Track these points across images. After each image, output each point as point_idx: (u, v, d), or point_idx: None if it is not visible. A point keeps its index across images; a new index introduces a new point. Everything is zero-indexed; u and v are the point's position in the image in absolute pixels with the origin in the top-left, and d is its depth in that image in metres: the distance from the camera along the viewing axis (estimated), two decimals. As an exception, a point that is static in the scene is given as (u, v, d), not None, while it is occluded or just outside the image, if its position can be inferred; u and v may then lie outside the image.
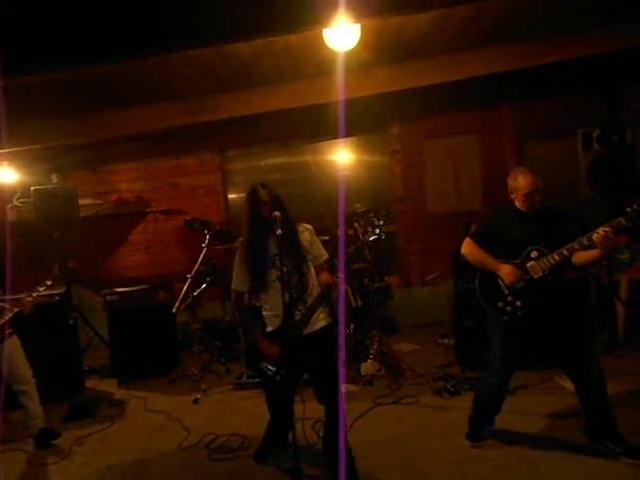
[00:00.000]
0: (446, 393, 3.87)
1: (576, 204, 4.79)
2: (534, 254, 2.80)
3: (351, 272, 4.77)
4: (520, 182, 2.81)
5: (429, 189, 6.08)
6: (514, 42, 4.09)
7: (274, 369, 2.73)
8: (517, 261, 2.83)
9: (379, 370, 4.34)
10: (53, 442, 3.61)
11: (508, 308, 2.86)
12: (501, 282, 2.87)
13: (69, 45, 2.87)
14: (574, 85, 5.35)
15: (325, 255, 2.89)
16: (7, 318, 3.46)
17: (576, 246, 2.65)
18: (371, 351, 4.44)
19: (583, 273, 3.39)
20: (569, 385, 3.04)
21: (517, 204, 2.88)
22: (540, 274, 2.77)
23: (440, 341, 5.17)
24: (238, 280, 2.85)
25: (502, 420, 3.13)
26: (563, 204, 3.02)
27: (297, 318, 2.69)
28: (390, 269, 5.92)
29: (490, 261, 2.91)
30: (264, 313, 2.90)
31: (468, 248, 3.03)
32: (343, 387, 3.07)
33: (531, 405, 3.48)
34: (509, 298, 2.86)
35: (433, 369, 4.38)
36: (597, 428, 2.87)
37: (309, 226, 2.91)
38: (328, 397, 2.87)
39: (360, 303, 4.72)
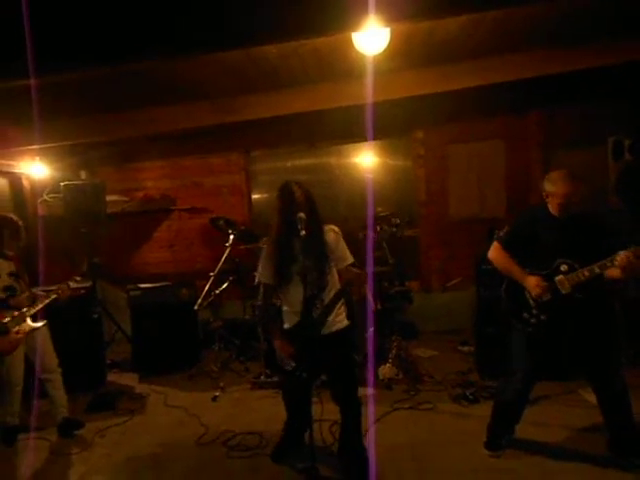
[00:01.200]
0: (464, 400, 3.84)
1: (602, 214, 4.69)
2: (564, 268, 2.72)
3: (371, 275, 4.77)
4: (559, 188, 2.70)
5: (452, 194, 6.03)
6: (543, 48, 4.03)
7: (293, 365, 2.76)
8: (545, 272, 2.77)
9: (397, 374, 4.33)
10: (76, 432, 3.69)
11: (533, 320, 2.81)
12: (527, 293, 2.82)
13: (101, 43, 2.94)
14: (604, 92, 5.24)
15: (350, 259, 2.90)
16: (43, 304, 3.57)
17: (608, 264, 2.57)
18: (390, 355, 4.43)
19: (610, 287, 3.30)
20: (593, 398, 2.99)
21: (551, 208, 2.79)
22: (568, 290, 2.71)
23: (460, 348, 5.12)
24: (264, 274, 2.90)
25: (523, 430, 3.10)
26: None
27: (314, 315, 2.70)
28: (411, 274, 5.90)
29: (517, 270, 2.84)
30: (283, 309, 2.94)
31: (495, 253, 2.97)
32: (363, 390, 3.08)
33: (553, 416, 3.43)
34: (534, 311, 2.81)
35: (452, 376, 4.35)
36: (620, 442, 2.81)
37: (336, 228, 2.93)
38: (344, 399, 2.88)
39: (379, 307, 4.71)
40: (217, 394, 4.29)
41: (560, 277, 2.73)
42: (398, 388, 4.16)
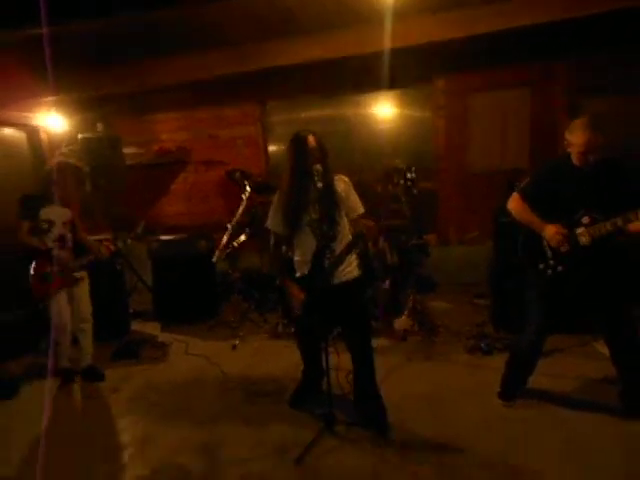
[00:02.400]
0: (479, 352, 3.89)
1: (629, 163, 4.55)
2: (586, 220, 2.67)
3: (388, 228, 4.76)
4: (578, 138, 2.65)
5: (473, 145, 5.88)
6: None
7: (300, 311, 2.82)
8: (566, 223, 2.73)
9: (412, 326, 4.38)
10: (99, 379, 3.86)
11: (549, 271, 2.80)
12: (545, 243, 2.80)
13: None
14: (635, 37, 4.97)
15: (361, 209, 2.89)
16: (87, 260, 3.76)
17: (632, 217, 2.51)
18: (406, 307, 4.47)
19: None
20: (606, 350, 3.00)
21: (573, 159, 2.73)
22: (588, 242, 2.66)
23: (475, 300, 5.14)
24: (273, 221, 2.93)
25: (536, 381, 3.14)
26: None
27: (325, 266, 2.72)
28: (428, 227, 5.86)
29: (536, 220, 2.80)
30: (295, 259, 2.96)
31: (515, 204, 2.92)
32: (379, 341, 3.13)
33: (567, 368, 3.46)
34: (551, 262, 2.80)
35: (467, 328, 4.39)
36: (632, 394, 2.84)
37: (345, 178, 2.90)
38: (356, 347, 2.94)
39: (396, 259, 4.72)
40: (236, 343, 4.42)
41: (581, 229, 2.69)
42: (413, 339, 4.22)
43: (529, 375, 3.08)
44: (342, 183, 2.86)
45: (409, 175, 3.94)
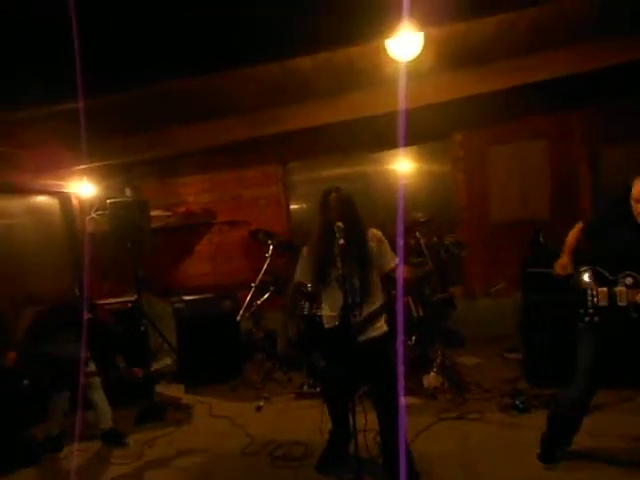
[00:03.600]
0: (514, 410, 3.71)
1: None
2: (629, 281, 2.62)
3: (413, 282, 4.71)
4: (635, 187, 2.62)
5: (493, 197, 5.89)
6: (582, 43, 3.91)
7: (324, 362, 2.77)
8: (611, 278, 2.67)
9: (442, 384, 4.23)
10: (121, 442, 3.79)
11: (587, 318, 2.71)
12: (590, 291, 2.71)
13: (144, 65, 3.05)
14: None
15: (394, 261, 2.90)
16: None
17: None
18: (434, 364, 4.34)
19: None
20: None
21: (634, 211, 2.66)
22: (625, 304, 2.61)
23: (506, 355, 4.97)
24: (301, 272, 2.98)
25: (577, 441, 2.96)
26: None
27: (352, 322, 2.68)
28: (453, 280, 5.79)
29: (566, 248, 2.84)
30: (323, 313, 2.95)
31: (571, 232, 2.92)
32: (404, 399, 3.03)
33: (609, 425, 3.27)
34: (590, 310, 2.70)
35: (499, 384, 4.22)
36: None
37: (378, 232, 2.93)
38: (383, 406, 2.85)
39: (422, 313, 4.64)
40: (261, 404, 4.32)
41: (621, 288, 2.63)
42: (443, 397, 4.07)
43: (572, 435, 2.90)
44: (375, 239, 2.88)
45: (447, 240, 3.81)
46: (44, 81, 2.93)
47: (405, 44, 3.25)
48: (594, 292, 2.68)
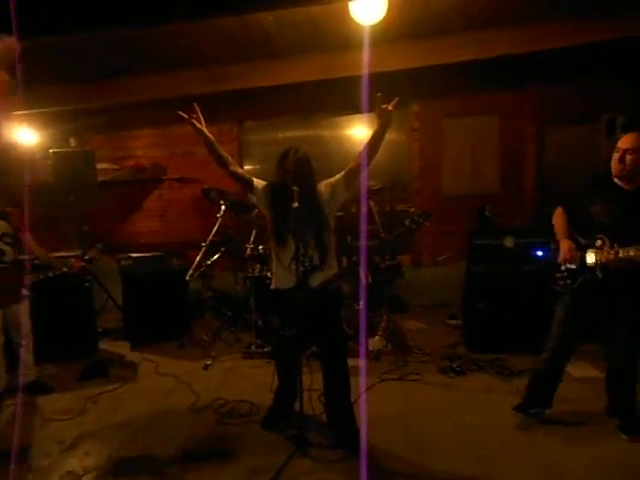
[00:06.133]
0: (452, 372, 3.92)
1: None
2: (598, 243, 2.71)
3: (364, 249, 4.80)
4: (622, 138, 2.65)
5: (446, 169, 6.03)
6: (540, 22, 3.99)
7: (278, 322, 2.80)
8: (583, 242, 2.78)
9: (386, 346, 4.40)
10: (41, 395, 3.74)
11: (561, 282, 2.84)
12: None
13: (88, 7, 2.85)
14: (600, 70, 5.22)
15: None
16: (51, 274, 3.64)
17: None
18: (379, 328, 4.49)
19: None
20: (576, 372, 3.05)
21: (613, 171, 2.71)
22: (592, 265, 2.71)
23: (448, 322, 5.21)
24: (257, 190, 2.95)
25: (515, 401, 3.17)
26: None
27: (310, 285, 2.74)
28: (402, 248, 5.94)
29: (560, 231, 2.88)
30: (275, 264, 2.92)
31: (555, 217, 2.97)
32: (353, 361, 3.13)
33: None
34: (564, 273, 2.83)
35: (440, 348, 4.43)
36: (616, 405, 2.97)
37: (326, 181, 2.92)
38: (332, 365, 2.93)
39: (370, 280, 4.75)
40: (208, 363, 4.35)
41: (591, 251, 2.72)
42: (386, 360, 4.23)
43: (547, 396, 3.06)
44: (323, 186, 2.88)
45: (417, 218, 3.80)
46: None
47: (369, 7, 3.21)
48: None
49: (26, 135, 5.69)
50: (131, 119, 6.29)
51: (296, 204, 2.65)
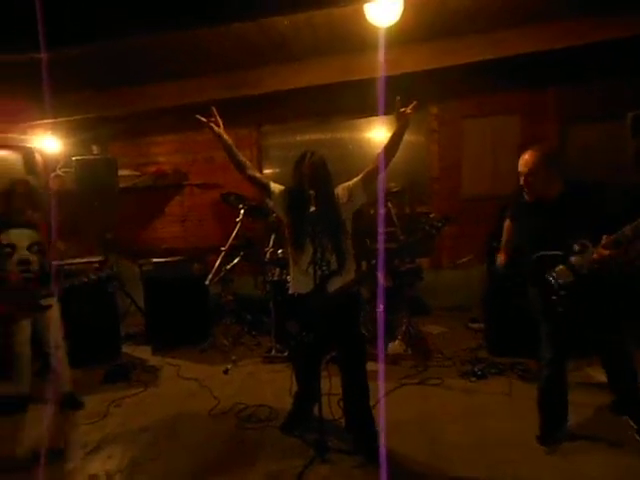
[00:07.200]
0: (473, 376, 3.86)
1: (621, 191, 4.60)
2: (576, 248, 2.60)
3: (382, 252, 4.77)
4: (520, 160, 2.74)
5: (465, 170, 5.95)
6: (561, 20, 3.92)
7: (298, 328, 2.79)
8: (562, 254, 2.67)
9: (406, 350, 4.36)
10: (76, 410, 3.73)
11: (559, 308, 2.70)
12: (550, 278, 2.68)
13: (110, 18, 2.91)
14: (624, 67, 5.09)
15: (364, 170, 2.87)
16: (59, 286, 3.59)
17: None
18: (399, 331, 4.45)
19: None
20: (599, 376, 2.98)
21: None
22: (585, 271, 2.60)
23: (470, 325, 5.14)
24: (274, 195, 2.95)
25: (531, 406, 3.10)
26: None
27: (328, 290, 2.73)
28: (421, 251, 5.88)
29: (502, 244, 3.01)
30: (292, 268, 2.92)
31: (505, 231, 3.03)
32: (372, 365, 3.10)
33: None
34: (561, 293, 2.67)
35: (461, 352, 4.37)
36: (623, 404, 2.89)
37: (343, 185, 2.90)
38: (351, 370, 2.90)
39: (390, 283, 4.72)
40: (229, 367, 4.37)
41: (575, 258, 2.61)
42: (406, 364, 4.20)
43: (562, 413, 2.89)
44: (341, 190, 2.87)
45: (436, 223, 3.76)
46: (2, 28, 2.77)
47: (384, 9, 3.20)
48: (553, 275, 2.66)
49: (51, 143, 5.83)
50: (152, 126, 6.38)
51: (313, 208, 2.65)
